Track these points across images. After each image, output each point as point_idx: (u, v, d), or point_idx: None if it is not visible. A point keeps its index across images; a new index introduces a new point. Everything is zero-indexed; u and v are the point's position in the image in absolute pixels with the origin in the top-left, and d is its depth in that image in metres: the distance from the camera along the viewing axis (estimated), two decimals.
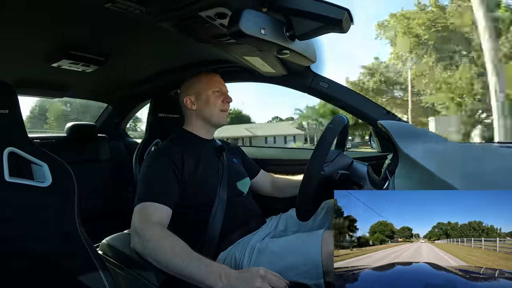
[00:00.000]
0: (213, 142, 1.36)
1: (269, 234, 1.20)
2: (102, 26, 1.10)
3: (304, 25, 0.80)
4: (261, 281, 0.81)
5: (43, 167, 0.93)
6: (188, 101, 1.29)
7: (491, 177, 0.40)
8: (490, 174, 0.41)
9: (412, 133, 1.01)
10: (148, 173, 1.11)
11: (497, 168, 0.44)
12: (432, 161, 0.56)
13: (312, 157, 0.91)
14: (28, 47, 1.24)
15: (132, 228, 0.99)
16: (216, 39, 1.07)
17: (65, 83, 1.80)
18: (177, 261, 0.87)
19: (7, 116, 0.90)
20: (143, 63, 1.62)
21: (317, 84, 1.51)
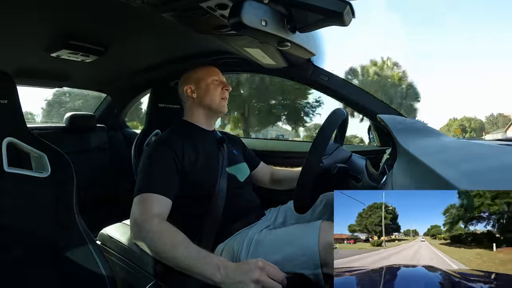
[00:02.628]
0: (214, 133, 1.36)
1: (268, 226, 1.21)
2: (101, 16, 1.09)
3: (305, 18, 0.79)
4: (260, 272, 0.81)
5: (42, 157, 0.93)
6: (189, 90, 1.29)
7: (490, 174, 0.40)
8: (490, 171, 0.41)
9: (411, 128, 1.01)
10: (148, 164, 1.11)
11: (497, 166, 0.44)
12: (430, 156, 0.56)
13: (310, 149, 0.91)
14: (28, 37, 1.23)
15: (131, 219, 0.99)
16: (216, 30, 1.06)
17: (65, 73, 1.79)
18: (175, 252, 0.88)
19: (6, 106, 0.90)
20: (142, 54, 1.61)
21: (317, 77, 1.51)
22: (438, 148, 0.70)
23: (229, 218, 1.16)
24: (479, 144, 0.65)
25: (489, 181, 0.38)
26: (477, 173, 0.41)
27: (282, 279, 0.84)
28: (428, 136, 0.85)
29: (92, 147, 2.25)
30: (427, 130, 0.95)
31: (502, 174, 0.40)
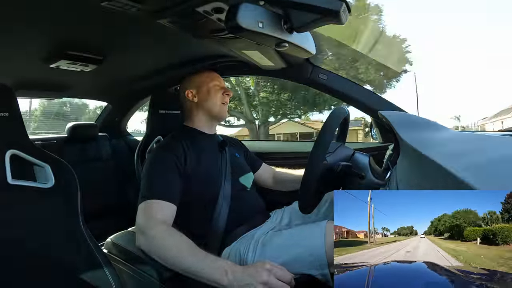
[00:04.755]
0: (215, 137, 1.36)
1: (274, 228, 1.20)
2: (99, 25, 1.09)
3: (302, 17, 0.79)
4: (267, 274, 0.81)
5: (45, 168, 0.93)
6: (190, 94, 1.30)
7: (495, 166, 0.40)
8: (495, 164, 0.41)
9: (413, 123, 1.01)
10: (151, 171, 1.11)
11: (500, 157, 0.44)
12: (434, 150, 0.56)
13: (313, 149, 0.91)
14: (26, 49, 1.23)
15: (136, 227, 0.99)
16: (213, 34, 1.06)
17: (64, 83, 1.80)
18: (182, 258, 0.88)
19: (8, 119, 0.90)
20: (141, 61, 1.61)
21: (316, 76, 1.51)
22: (440, 142, 0.70)
23: (235, 221, 1.16)
24: (482, 136, 0.65)
25: (493, 173, 0.38)
26: (481, 165, 0.40)
27: (290, 280, 0.84)
28: (430, 130, 0.85)
29: (95, 156, 2.25)
30: (429, 124, 0.95)
31: (506, 165, 0.39)
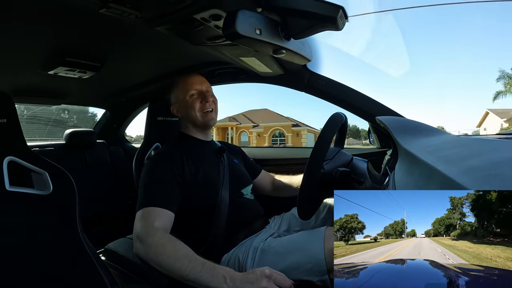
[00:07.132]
0: (212, 143, 1.36)
1: (273, 234, 1.20)
2: (97, 32, 1.10)
3: (299, 24, 0.80)
4: (267, 281, 0.81)
5: (43, 175, 0.93)
6: (174, 110, 1.33)
7: (493, 169, 0.40)
8: (492, 167, 0.41)
9: (411, 127, 1.01)
10: (149, 178, 1.10)
11: (498, 161, 0.44)
12: (431, 155, 0.56)
13: (311, 155, 0.91)
14: (24, 55, 1.24)
15: (134, 234, 0.99)
16: (211, 41, 1.07)
17: (63, 90, 1.80)
18: (180, 265, 0.87)
19: (6, 126, 0.90)
20: (139, 68, 1.62)
21: (314, 82, 1.51)
22: (438, 146, 0.70)
23: (234, 228, 1.15)
24: (479, 139, 0.65)
25: (491, 177, 0.38)
26: (478, 169, 0.40)
27: (289, 287, 0.83)
28: (428, 135, 0.86)
29: (93, 163, 2.25)
30: (426, 128, 0.95)
31: (503, 169, 0.39)
